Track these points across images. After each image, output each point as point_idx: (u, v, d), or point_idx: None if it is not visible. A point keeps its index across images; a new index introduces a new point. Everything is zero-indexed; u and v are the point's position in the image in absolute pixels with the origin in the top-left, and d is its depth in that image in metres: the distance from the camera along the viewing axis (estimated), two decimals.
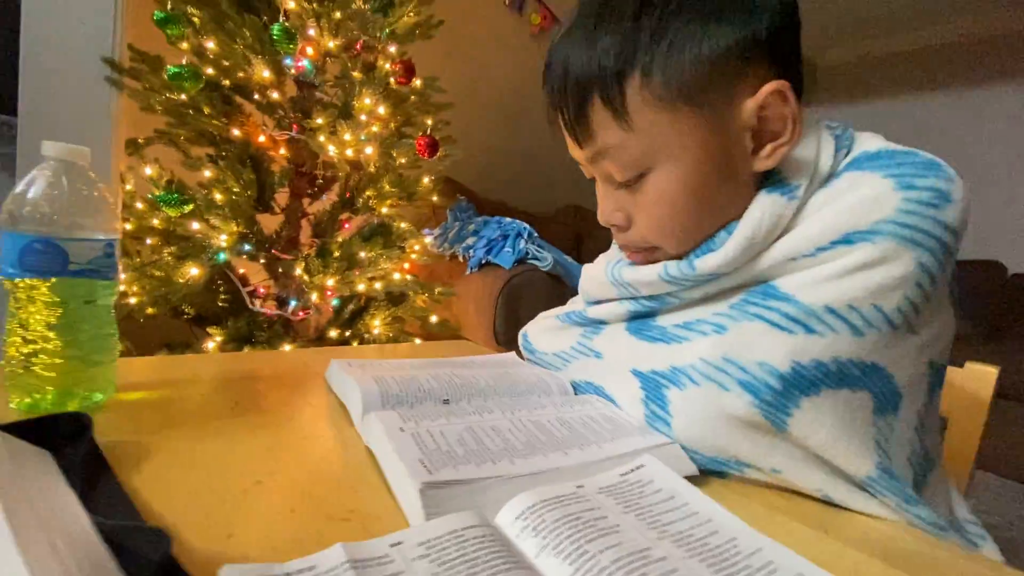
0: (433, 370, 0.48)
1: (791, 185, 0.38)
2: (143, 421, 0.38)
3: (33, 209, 0.34)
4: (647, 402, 0.40)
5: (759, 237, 0.38)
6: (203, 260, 0.97)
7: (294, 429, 0.39)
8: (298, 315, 1.09)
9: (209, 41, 0.94)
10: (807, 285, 0.35)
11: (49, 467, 0.28)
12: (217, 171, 0.99)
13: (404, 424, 0.35)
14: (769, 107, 0.37)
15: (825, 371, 0.34)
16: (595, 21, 0.38)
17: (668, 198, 0.40)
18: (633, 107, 0.38)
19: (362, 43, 1.14)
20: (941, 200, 0.34)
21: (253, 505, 0.28)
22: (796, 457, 0.36)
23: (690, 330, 0.41)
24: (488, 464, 0.32)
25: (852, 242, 0.34)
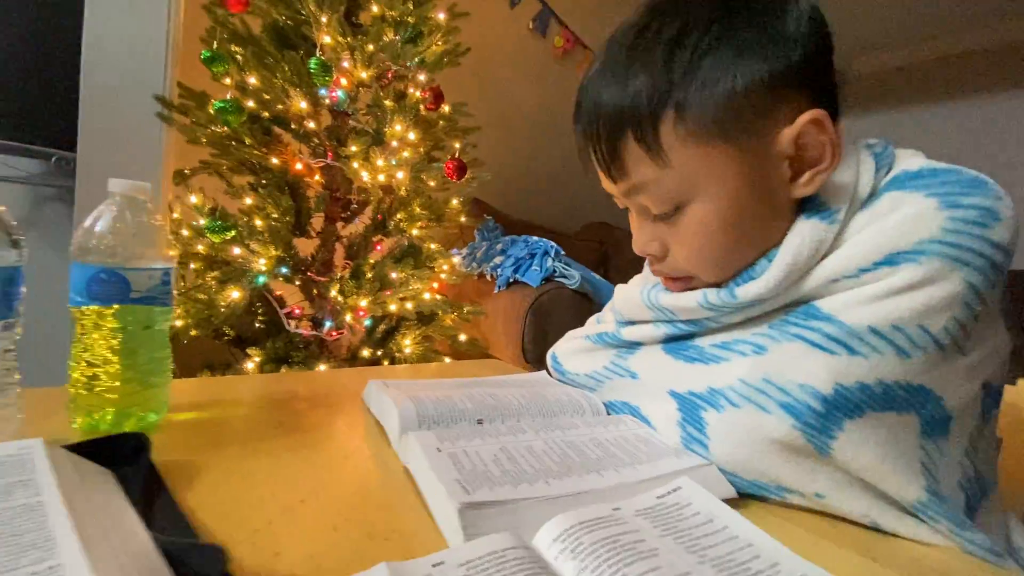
0: (467, 390, 0.48)
1: (831, 209, 0.38)
2: (194, 440, 0.39)
3: (99, 242, 0.37)
4: (684, 424, 0.40)
5: (800, 263, 0.37)
6: (244, 284, 1.01)
7: (335, 448, 0.40)
8: (332, 335, 1.12)
9: (251, 76, 0.99)
10: (850, 306, 0.35)
11: (111, 485, 0.30)
12: (257, 198, 1.04)
13: (441, 444, 0.36)
14: (807, 135, 0.37)
15: (870, 393, 0.33)
16: (627, 60, 0.39)
17: (705, 230, 0.40)
18: (668, 144, 0.38)
19: (393, 72, 1.19)
20: (988, 218, 0.33)
21: (298, 523, 0.29)
22: (840, 482, 0.35)
23: (729, 350, 0.40)
24: (524, 485, 0.32)
25: (896, 263, 0.34)
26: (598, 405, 0.49)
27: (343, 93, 1.18)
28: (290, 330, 1.09)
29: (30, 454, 0.28)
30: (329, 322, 1.10)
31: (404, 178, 1.12)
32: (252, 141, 1.05)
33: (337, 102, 1.21)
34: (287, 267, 1.13)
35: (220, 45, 1.01)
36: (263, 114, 1.11)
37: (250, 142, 1.05)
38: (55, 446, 0.30)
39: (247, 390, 0.52)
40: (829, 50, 0.39)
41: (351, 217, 1.33)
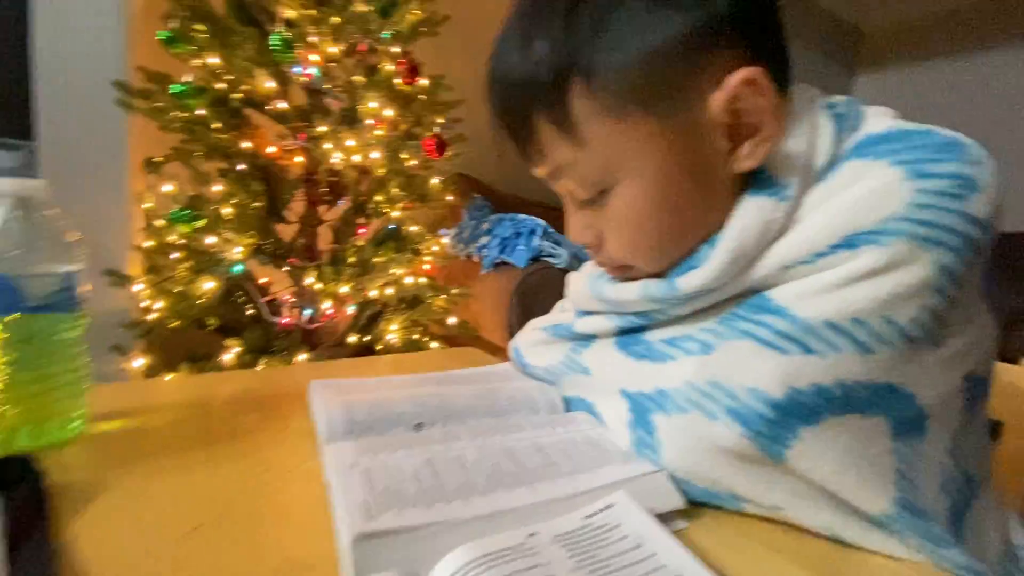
0: (411, 390, 0.45)
1: (780, 184, 0.33)
2: (108, 455, 0.37)
3: None
4: (634, 426, 0.37)
5: (747, 248, 0.32)
6: (218, 273, 0.98)
7: (258, 461, 0.37)
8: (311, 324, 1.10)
9: (212, 56, 0.95)
10: (804, 297, 0.30)
11: None
12: (227, 184, 1.00)
13: (359, 458, 0.33)
14: (742, 99, 0.32)
15: (828, 396, 0.29)
16: (529, 20, 0.33)
17: (635, 215, 0.35)
18: (580, 119, 0.33)
19: (365, 46, 1.13)
20: (965, 188, 0.28)
21: (183, 557, 0.27)
22: (800, 492, 0.31)
23: (676, 347, 0.36)
24: (440, 505, 0.29)
25: (856, 246, 0.29)
26: (555, 401, 0.46)
27: (317, 70, 1.13)
28: (268, 319, 1.07)
29: None
30: (309, 310, 1.08)
31: (379, 158, 1.08)
32: (221, 124, 1.01)
33: (312, 79, 1.16)
34: (266, 254, 1.10)
35: (180, 24, 0.96)
36: (233, 96, 1.07)
37: (218, 126, 1.01)
38: None
39: (184, 393, 0.50)
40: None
41: (334, 200, 1.30)
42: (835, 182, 0.32)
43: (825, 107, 0.35)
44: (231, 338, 1.08)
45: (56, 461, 0.35)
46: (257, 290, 1.12)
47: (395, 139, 1.14)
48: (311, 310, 1.09)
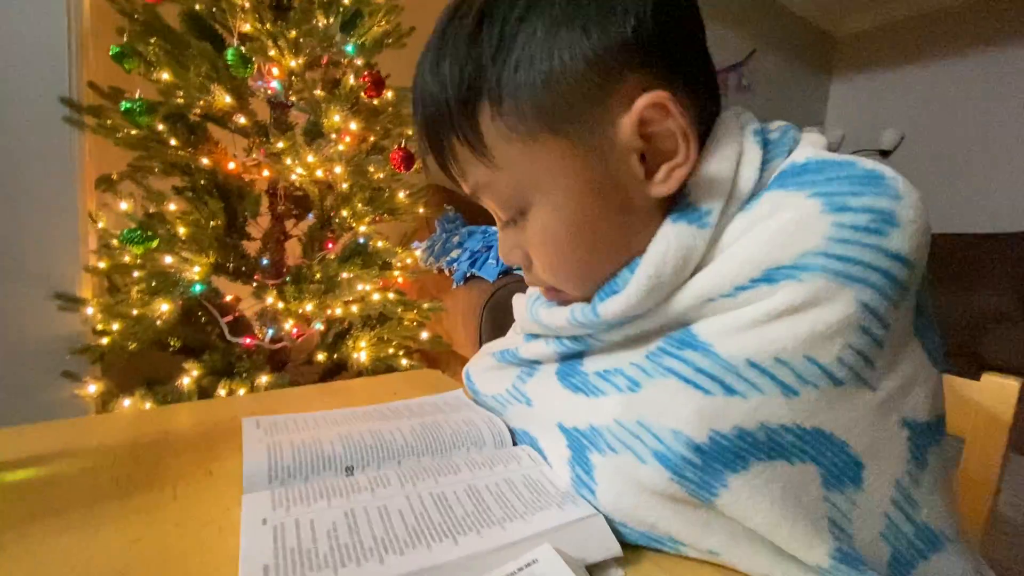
0: (348, 427, 0.43)
1: (701, 210, 0.32)
2: (7, 512, 0.34)
3: None
4: (573, 464, 0.35)
5: (666, 276, 0.31)
6: (175, 294, 0.95)
7: (174, 512, 0.35)
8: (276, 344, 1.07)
9: (163, 72, 0.92)
10: (726, 333, 0.29)
11: None
12: (183, 203, 0.97)
13: (272, 512, 0.31)
14: (651, 123, 0.31)
15: (752, 440, 0.28)
16: (439, 41, 0.32)
17: (552, 237, 0.34)
18: (490, 141, 0.32)
19: (327, 59, 1.11)
20: (883, 223, 0.27)
21: None
22: (738, 535, 0.30)
23: (607, 382, 0.35)
24: (350, 567, 0.27)
25: (775, 280, 0.28)
26: (503, 434, 0.44)
27: (279, 84, 1.11)
28: (230, 340, 1.03)
29: None
30: (271, 330, 1.05)
31: (342, 173, 1.05)
32: (177, 141, 0.98)
33: (275, 93, 1.14)
34: (227, 273, 1.07)
35: (132, 38, 0.93)
36: (192, 112, 1.04)
37: (175, 143, 0.98)
38: None
39: (109, 433, 0.47)
40: (683, 14, 0.32)
41: (302, 215, 1.27)
42: (755, 212, 0.31)
43: (755, 132, 0.34)
44: (192, 360, 1.04)
45: None
46: (218, 309, 1.09)
47: (358, 153, 1.11)
48: (273, 330, 1.06)
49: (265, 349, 1.10)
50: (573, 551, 0.30)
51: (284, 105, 1.17)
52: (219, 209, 0.98)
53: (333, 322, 1.19)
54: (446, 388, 0.60)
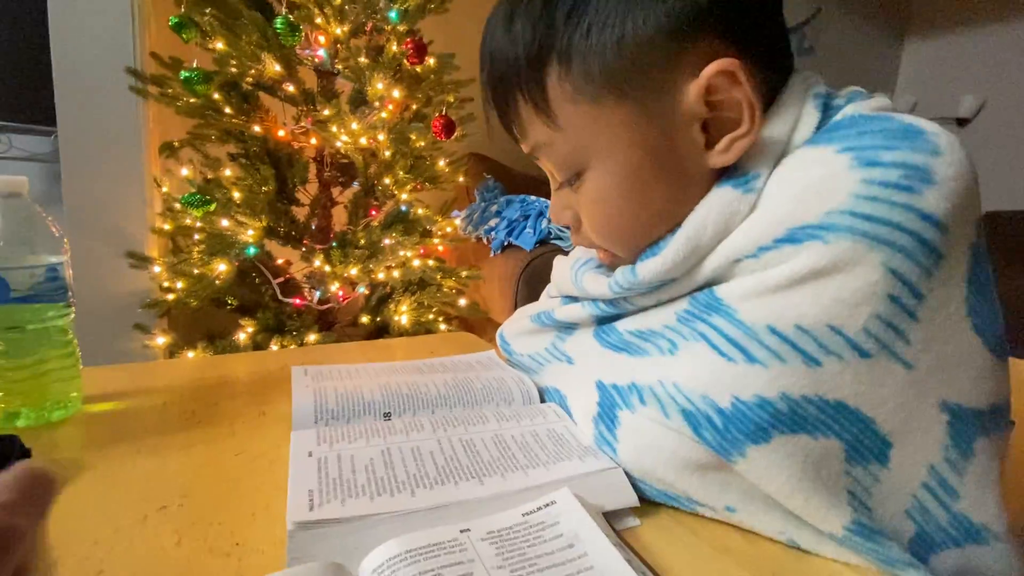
0: (387, 378, 0.46)
1: (749, 175, 0.31)
2: (95, 435, 0.39)
3: None
4: (598, 421, 0.37)
5: (704, 238, 0.31)
6: (232, 255, 1.01)
7: (232, 445, 0.39)
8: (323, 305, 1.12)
9: (218, 41, 0.96)
10: (748, 297, 0.29)
11: None
12: (238, 169, 1.03)
13: (317, 446, 0.34)
14: (718, 91, 0.30)
15: (772, 411, 0.27)
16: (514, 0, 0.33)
17: (604, 200, 0.35)
18: (555, 102, 0.33)
19: (371, 26, 1.12)
20: (917, 180, 0.25)
21: (144, 536, 0.29)
22: (754, 495, 0.30)
23: (647, 341, 0.36)
24: (384, 497, 0.30)
25: (799, 241, 0.27)
26: (531, 391, 0.46)
27: (325, 52, 1.13)
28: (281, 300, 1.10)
29: None
30: (319, 292, 1.11)
31: (385, 140, 1.08)
32: (231, 110, 1.03)
33: (322, 61, 1.17)
34: (279, 237, 1.13)
35: (188, 8, 0.97)
36: (245, 80, 1.08)
37: (230, 111, 1.03)
38: None
39: (176, 376, 0.52)
40: None
41: (347, 182, 1.31)
42: (784, 168, 0.30)
43: (816, 96, 0.32)
44: (247, 318, 1.12)
45: (48, 440, 0.38)
46: (271, 271, 1.15)
47: (400, 121, 1.13)
48: (321, 291, 1.12)
49: (314, 310, 1.16)
50: (591, 498, 0.31)
51: (330, 73, 1.19)
52: (270, 175, 1.03)
53: (376, 286, 1.24)
54: (480, 350, 0.62)
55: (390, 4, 1.07)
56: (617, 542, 0.28)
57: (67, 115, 1.10)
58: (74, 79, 1.10)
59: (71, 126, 1.10)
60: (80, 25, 1.07)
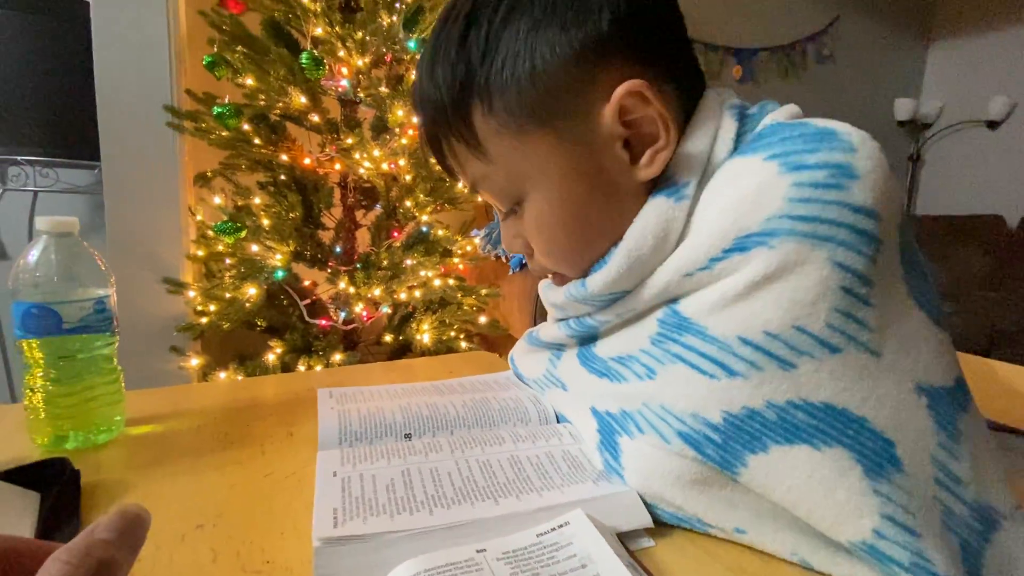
0: (407, 400, 0.48)
1: (679, 184, 0.33)
2: (136, 457, 0.42)
3: (29, 278, 0.39)
4: (601, 448, 0.37)
5: (646, 249, 0.33)
6: (261, 279, 1.06)
7: (262, 465, 0.41)
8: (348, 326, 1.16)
9: (248, 78, 1.01)
10: (713, 310, 0.30)
11: (27, 511, 0.33)
12: (266, 196, 1.08)
13: (341, 467, 0.36)
14: (631, 111, 0.32)
15: (762, 420, 0.28)
16: (433, 45, 0.35)
17: (546, 225, 0.36)
18: (483, 137, 0.35)
19: (391, 56, 1.17)
20: (842, 177, 0.26)
21: (184, 553, 0.31)
22: (763, 513, 0.31)
23: (626, 367, 0.37)
24: (403, 516, 0.31)
25: (746, 249, 0.28)
26: (547, 411, 0.47)
27: (348, 82, 1.18)
28: (308, 321, 1.14)
29: None
30: (344, 312, 1.14)
31: (405, 165, 1.11)
32: (260, 140, 1.08)
33: (345, 91, 1.22)
34: (305, 260, 1.17)
35: (221, 48, 1.03)
36: (272, 112, 1.14)
37: (259, 142, 1.08)
38: None
39: (210, 399, 0.55)
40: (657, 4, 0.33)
41: (370, 205, 1.35)
42: (717, 181, 0.32)
43: (731, 107, 0.34)
44: (276, 339, 1.16)
45: (94, 462, 0.41)
46: (298, 293, 1.19)
47: (420, 146, 1.17)
48: (346, 312, 1.15)
49: (339, 330, 1.19)
50: (605, 519, 0.32)
51: (353, 102, 1.24)
52: (297, 202, 1.08)
53: (399, 306, 1.27)
54: (499, 369, 0.63)
55: (408, 34, 1.12)
56: (631, 563, 0.28)
57: (110, 150, 1.17)
58: (117, 117, 1.17)
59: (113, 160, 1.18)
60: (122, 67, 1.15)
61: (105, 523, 0.18)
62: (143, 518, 0.19)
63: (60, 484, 0.35)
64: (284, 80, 1.01)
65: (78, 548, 0.17)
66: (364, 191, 1.33)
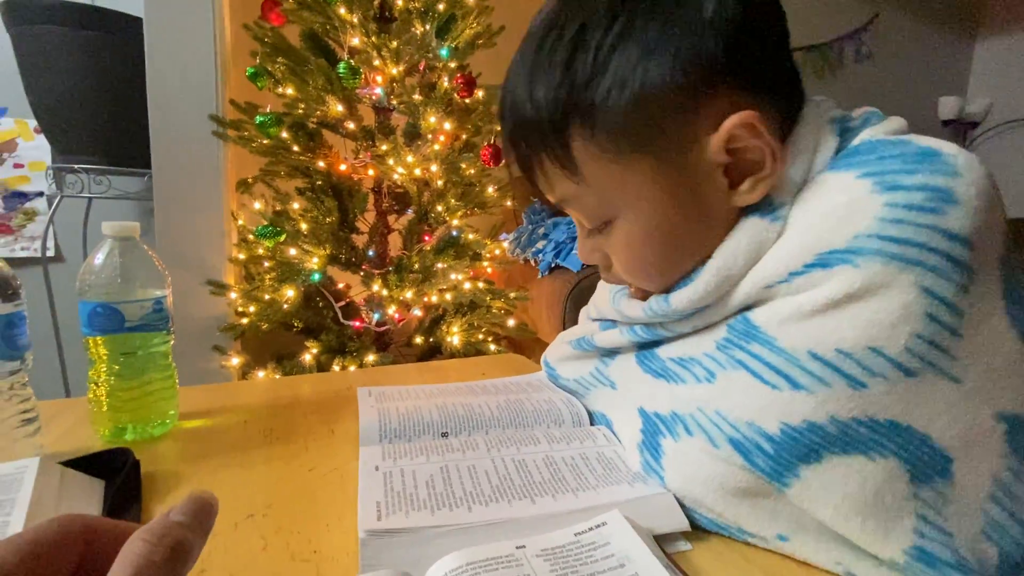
0: (444, 399, 0.49)
1: (775, 205, 0.32)
2: (189, 450, 0.44)
3: (95, 279, 0.42)
4: (643, 449, 0.37)
5: (736, 267, 0.32)
6: (298, 281, 1.09)
7: (306, 460, 0.43)
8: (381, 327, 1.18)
9: (288, 88, 1.05)
10: (786, 323, 0.29)
11: (94, 497, 0.35)
12: (304, 202, 1.11)
13: (382, 462, 0.37)
14: (738, 140, 0.32)
15: (823, 434, 0.28)
16: (533, 62, 0.34)
17: (636, 246, 0.36)
18: (580, 160, 0.34)
19: (424, 64, 1.19)
20: (939, 201, 0.26)
21: (236, 539, 0.32)
22: (806, 523, 0.30)
23: (686, 368, 0.36)
24: (443, 511, 0.32)
25: (829, 265, 0.28)
26: (580, 413, 0.47)
27: (382, 90, 1.21)
28: (342, 322, 1.17)
29: (23, 473, 0.33)
30: (377, 314, 1.17)
31: (437, 170, 1.13)
32: (299, 148, 1.12)
33: (378, 99, 1.25)
34: (341, 264, 1.21)
35: (263, 59, 1.08)
36: (310, 121, 1.18)
37: (297, 149, 1.12)
38: (51, 463, 0.35)
39: (255, 395, 0.57)
40: (769, 31, 0.32)
41: (402, 210, 1.38)
42: (807, 196, 0.31)
43: (832, 121, 0.34)
44: (312, 339, 1.19)
45: (151, 453, 0.43)
46: (333, 296, 1.23)
47: (451, 152, 1.19)
48: (379, 314, 1.18)
49: (372, 331, 1.22)
50: (641, 521, 0.32)
51: (387, 110, 1.27)
52: (333, 207, 1.11)
53: (429, 308, 1.29)
54: (529, 372, 0.64)
55: (441, 42, 1.14)
56: (668, 564, 0.28)
57: (160, 158, 1.23)
58: (166, 126, 1.24)
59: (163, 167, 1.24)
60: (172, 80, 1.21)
61: (180, 507, 0.20)
62: (213, 504, 0.21)
63: (123, 472, 0.37)
64: (322, 89, 1.04)
65: (157, 529, 0.19)
66: (397, 196, 1.36)
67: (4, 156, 1.67)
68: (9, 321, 0.36)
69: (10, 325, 0.36)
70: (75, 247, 1.69)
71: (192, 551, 0.19)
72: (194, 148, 1.23)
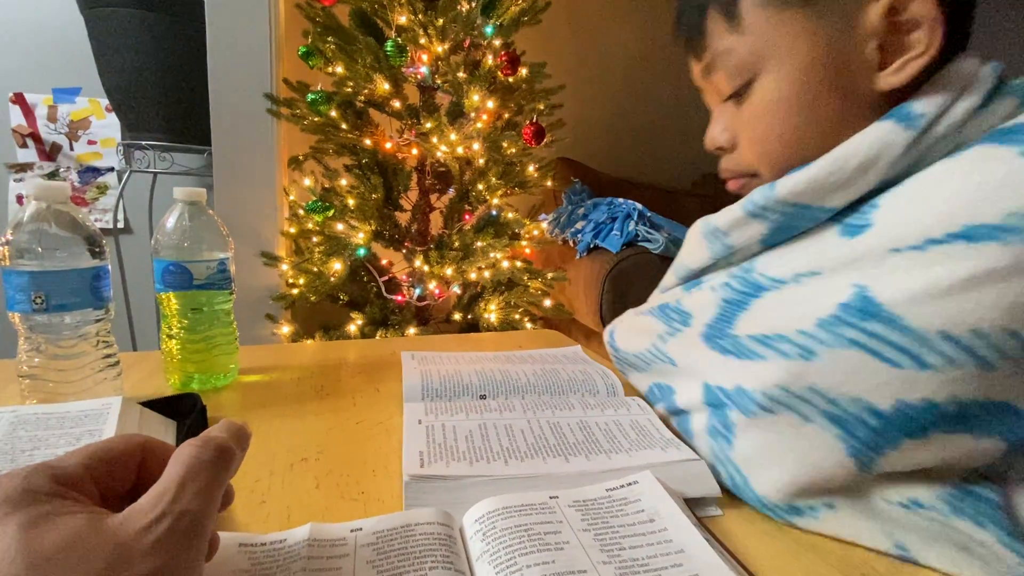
0: (482, 365, 0.51)
1: (913, 111, 0.31)
2: (249, 399, 0.48)
3: (167, 240, 0.46)
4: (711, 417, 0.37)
5: (851, 163, 0.32)
6: (345, 255, 1.14)
7: (354, 414, 0.45)
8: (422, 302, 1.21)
9: (338, 66, 1.08)
10: (918, 300, 0.27)
11: (168, 434, 0.39)
12: (352, 178, 1.15)
13: (425, 416, 0.39)
14: (902, 9, 0.31)
15: (939, 412, 0.27)
16: None
17: (772, 108, 0.36)
18: (744, 7, 0.36)
19: (468, 42, 1.20)
20: None
21: (292, 478, 0.35)
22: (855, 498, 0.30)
23: (768, 347, 0.34)
24: (481, 463, 0.34)
25: (975, 239, 0.26)
26: (615, 385, 0.48)
27: (427, 69, 1.23)
28: (386, 297, 1.21)
29: (107, 409, 0.37)
30: (418, 290, 1.20)
31: (479, 149, 1.14)
32: (347, 126, 1.15)
33: (423, 78, 1.26)
34: (384, 240, 1.24)
35: (314, 39, 1.11)
36: (358, 99, 1.21)
37: (345, 127, 1.15)
38: (131, 402, 0.39)
39: (308, 356, 0.61)
40: None
41: (444, 189, 1.40)
42: (959, 161, 0.29)
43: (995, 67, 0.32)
44: (356, 312, 1.24)
45: (215, 401, 0.47)
46: (377, 271, 1.27)
47: (494, 130, 1.19)
48: (420, 289, 1.21)
49: (412, 306, 1.26)
50: (673, 485, 0.33)
51: (431, 88, 1.29)
52: (379, 184, 1.14)
53: (468, 286, 1.31)
54: (565, 346, 0.65)
55: (486, 20, 1.14)
56: (697, 523, 0.29)
57: (219, 135, 1.30)
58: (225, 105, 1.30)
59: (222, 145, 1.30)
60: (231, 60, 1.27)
61: (217, 427, 0.23)
62: (246, 429, 0.24)
63: (192, 415, 0.41)
64: (370, 67, 1.06)
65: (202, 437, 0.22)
66: (439, 175, 1.38)
67: (79, 133, 1.80)
68: (96, 274, 0.40)
69: (97, 277, 0.40)
70: (143, 220, 1.80)
71: (233, 458, 0.22)
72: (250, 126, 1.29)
